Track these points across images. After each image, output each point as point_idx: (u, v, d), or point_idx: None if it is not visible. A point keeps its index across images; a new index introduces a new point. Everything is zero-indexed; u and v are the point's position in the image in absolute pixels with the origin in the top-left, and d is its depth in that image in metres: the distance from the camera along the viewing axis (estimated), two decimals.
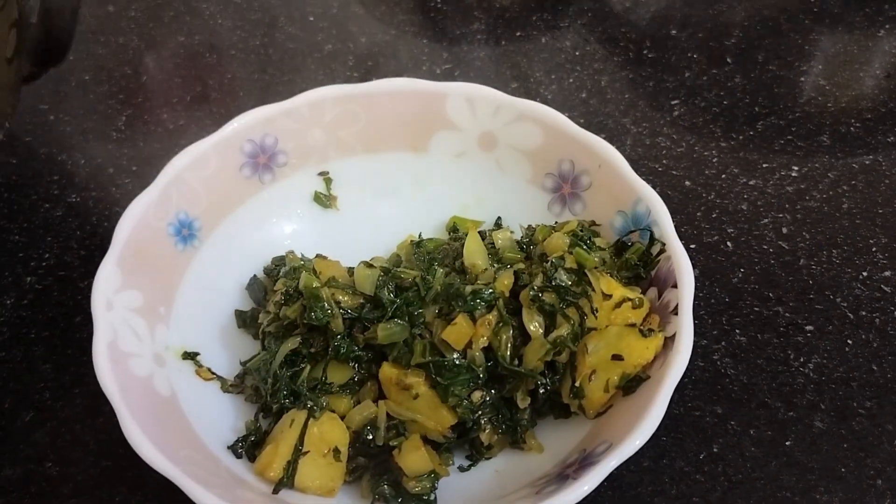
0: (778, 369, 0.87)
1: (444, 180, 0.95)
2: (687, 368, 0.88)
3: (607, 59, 1.25)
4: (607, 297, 0.75)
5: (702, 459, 0.80)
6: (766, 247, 0.99)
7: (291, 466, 0.70)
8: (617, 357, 0.71)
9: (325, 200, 0.93)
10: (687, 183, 1.07)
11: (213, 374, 0.80)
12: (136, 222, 0.79)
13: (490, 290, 0.74)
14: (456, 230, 0.91)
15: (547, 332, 0.73)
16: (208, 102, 1.20)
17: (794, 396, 0.84)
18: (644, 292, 0.79)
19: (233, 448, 0.74)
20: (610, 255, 0.81)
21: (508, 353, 0.73)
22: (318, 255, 0.85)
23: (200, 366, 0.79)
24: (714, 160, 1.09)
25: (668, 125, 1.14)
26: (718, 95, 1.19)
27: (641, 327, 0.74)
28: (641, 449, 0.81)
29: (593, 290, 0.74)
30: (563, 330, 0.72)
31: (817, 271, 0.96)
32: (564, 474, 0.67)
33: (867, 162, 1.09)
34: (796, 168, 1.08)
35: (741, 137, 1.13)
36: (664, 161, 1.09)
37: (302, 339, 0.76)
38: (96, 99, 1.21)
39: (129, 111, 1.18)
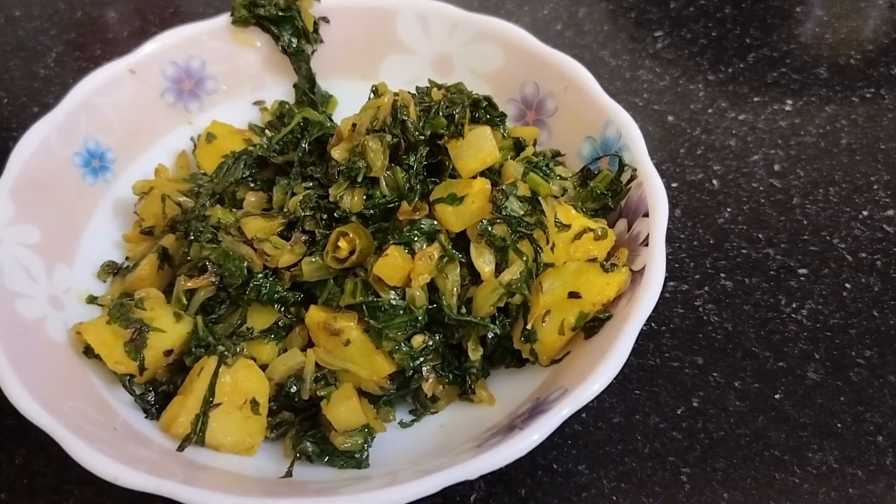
0: (767, 316, 0.77)
1: None
2: (665, 315, 0.80)
3: None
4: (565, 227, 0.65)
5: (679, 415, 0.71)
6: (755, 185, 0.89)
7: (201, 420, 0.60)
8: (574, 295, 0.62)
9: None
10: (670, 118, 0.97)
11: None
12: (36, 149, 0.70)
13: (430, 220, 0.64)
14: None
15: (498, 269, 0.64)
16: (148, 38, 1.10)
17: (785, 345, 0.75)
18: (613, 225, 0.69)
19: (140, 401, 0.64)
20: (574, 184, 0.71)
21: (455, 298, 0.63)
22: None
23: None
24: (700, 94, 0.99)
25: (650, 58, 1.04)
26: (706, 27, 1.09)
27: (604, 262, 0.64)
28: (612, 404, 0.73)
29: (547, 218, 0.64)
30: (516, 268, 0.63)
31: (812, 210, 0.86)
32: (513, 425, 0.58)
33: (868, 95, 0.99)
34: (790, 102, 0.98)
35: (731, 70, 1.02)
36: (645, 95, 0.99)
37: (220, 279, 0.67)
38: (25, 35, 1.11)
39: (60, 48, 1.08)
